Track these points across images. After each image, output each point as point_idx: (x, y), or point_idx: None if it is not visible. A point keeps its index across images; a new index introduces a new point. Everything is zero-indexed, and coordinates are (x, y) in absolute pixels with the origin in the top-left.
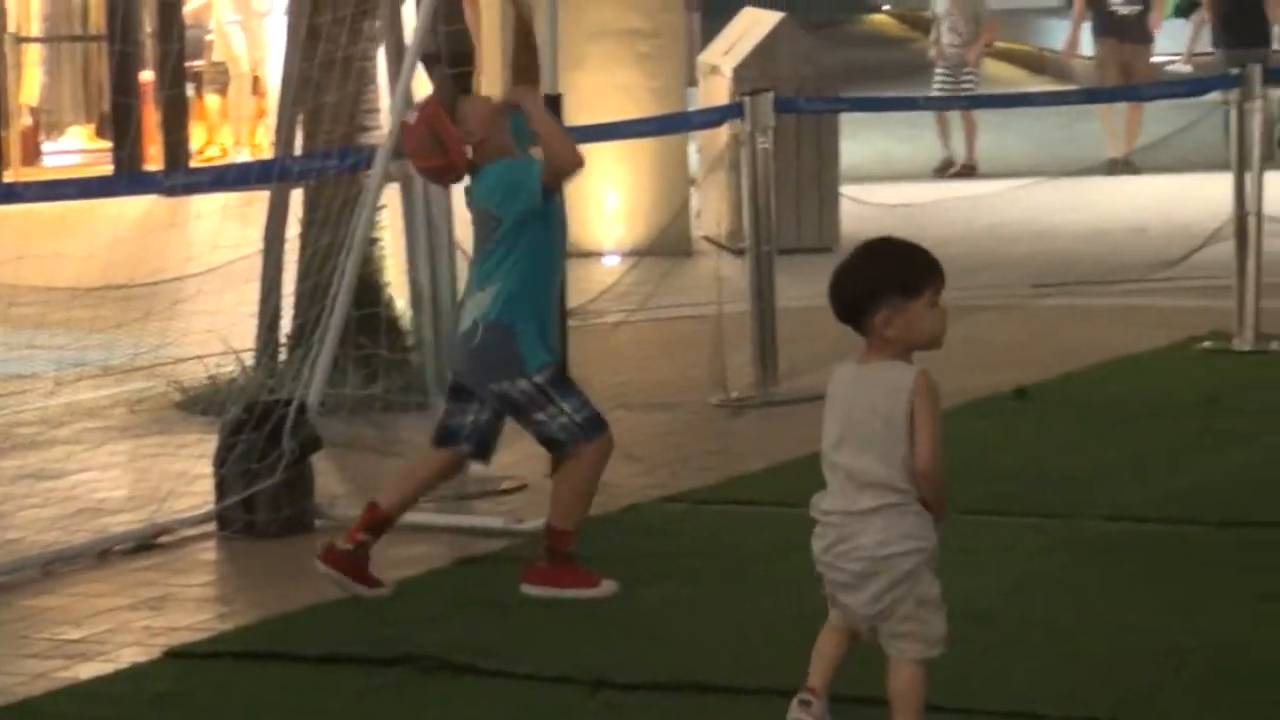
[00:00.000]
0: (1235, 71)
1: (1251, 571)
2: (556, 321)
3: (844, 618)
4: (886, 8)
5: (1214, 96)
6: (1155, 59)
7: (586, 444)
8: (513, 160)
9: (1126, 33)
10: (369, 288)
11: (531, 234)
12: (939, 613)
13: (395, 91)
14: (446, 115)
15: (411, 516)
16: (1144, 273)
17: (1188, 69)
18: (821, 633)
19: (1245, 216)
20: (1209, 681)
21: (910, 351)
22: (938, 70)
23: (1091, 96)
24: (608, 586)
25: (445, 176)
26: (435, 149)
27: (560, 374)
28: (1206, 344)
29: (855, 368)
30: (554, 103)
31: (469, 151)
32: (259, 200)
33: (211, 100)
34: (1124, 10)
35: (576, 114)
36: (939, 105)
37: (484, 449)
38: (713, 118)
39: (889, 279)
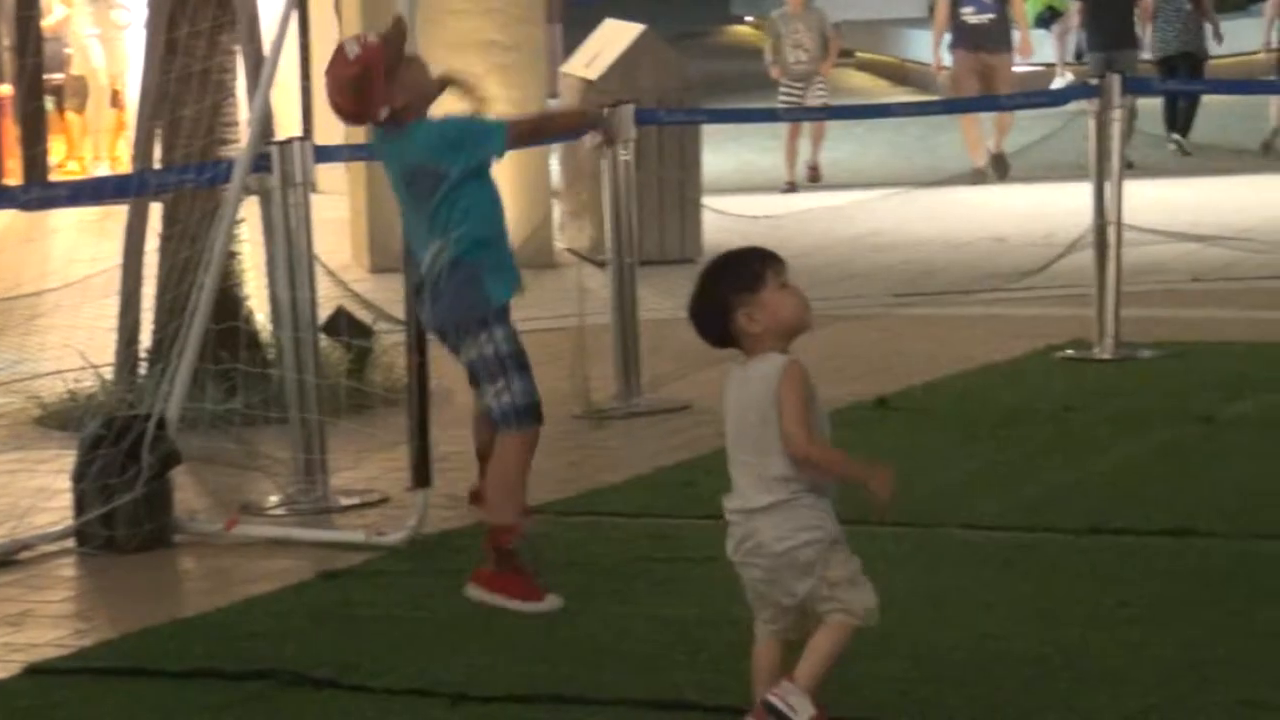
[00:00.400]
0: (1094, 81)
1: (1108, 579)
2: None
3: (771, 621)
4: (749, 19)
5: (1075, 106)
6: (1026, 68)
7: (511, 431)
8: (454, 117)
9: (982, 42)
10: (228, 301)
11: (476, 185)
12: (855, 588)
13: (254, 104)
14: (383, 68)
15: (273, 530)
16: (1004, 282)
17: (1069, 78)
18: (754, 648)
19: (1105, 226)
20: (1066, 688)
21: (786, 340)
22: (782, 86)
23: (950, 107)
24: (551, 601)
25: (351, 121)
26: (355, 93)
27: (519, 348)
28: (1067, 353)
29: (739, 369)
30: None
31: (384, 113)
32: (117, 214)
33: (73, 116)
34: (974, 19)
35: None
36: (799, 117)
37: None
38: (573, 135)
39: (730, 284)
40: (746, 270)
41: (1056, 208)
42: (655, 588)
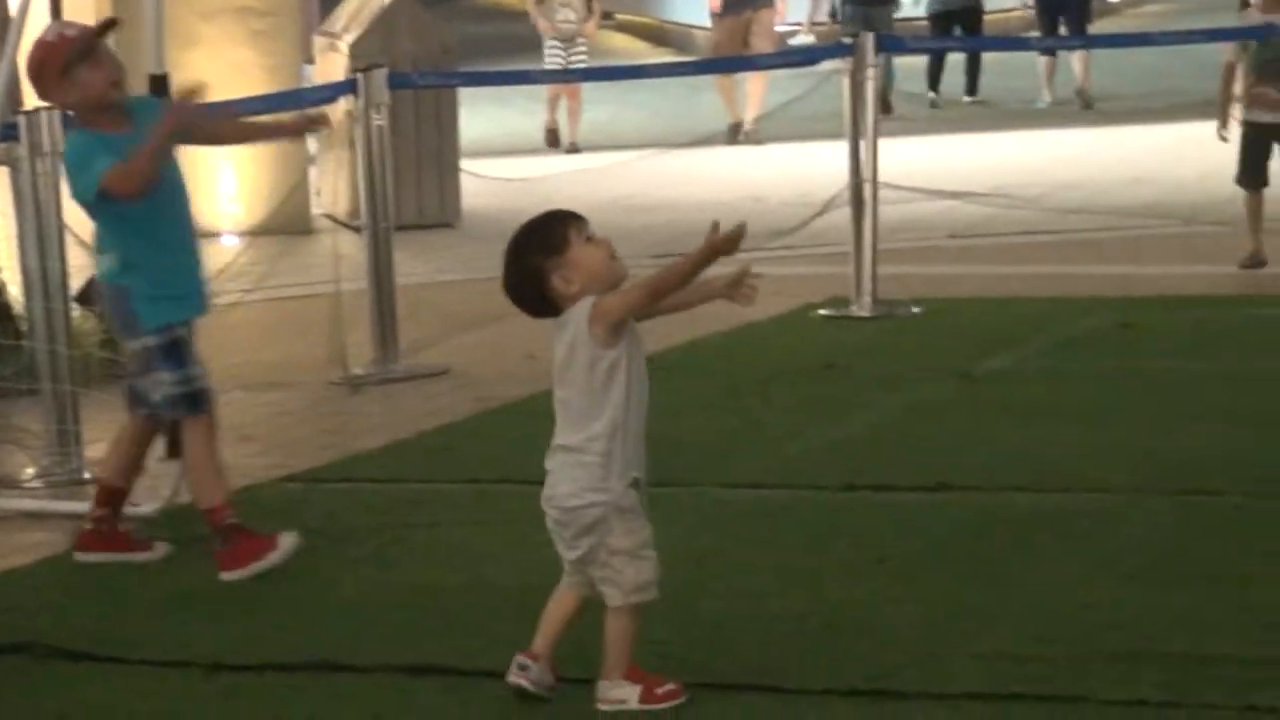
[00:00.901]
0: (848, 41)
1: (868, 535)
2: (197, 284)
3: (569, 573)
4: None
5: (830, 65)
6: (785, 27)
7: (187, 418)
8: (80, 142)
9: (745, 2)
10: None
11: (118, 208)
12: (633, 563)
13: (0, 72)
14: (61, 64)
15: (27, 503)
16: (762, 241)
17: (811, 38)
18: (552, 596)
19: (860, 184)
20: (828, 644)
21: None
22: (549, 43)
23: (704, 67)
24: (287, 540)
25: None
26: (33, 78)
27: (173, 343)
28: (825, 311)
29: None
30: (160, 82)
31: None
32: None
33: None
34: None
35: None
36: (554, 79)
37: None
38: (325, 95)
39: (537, 250)
40: (551, 233)
41: (814, 167)
42: (413, 554)
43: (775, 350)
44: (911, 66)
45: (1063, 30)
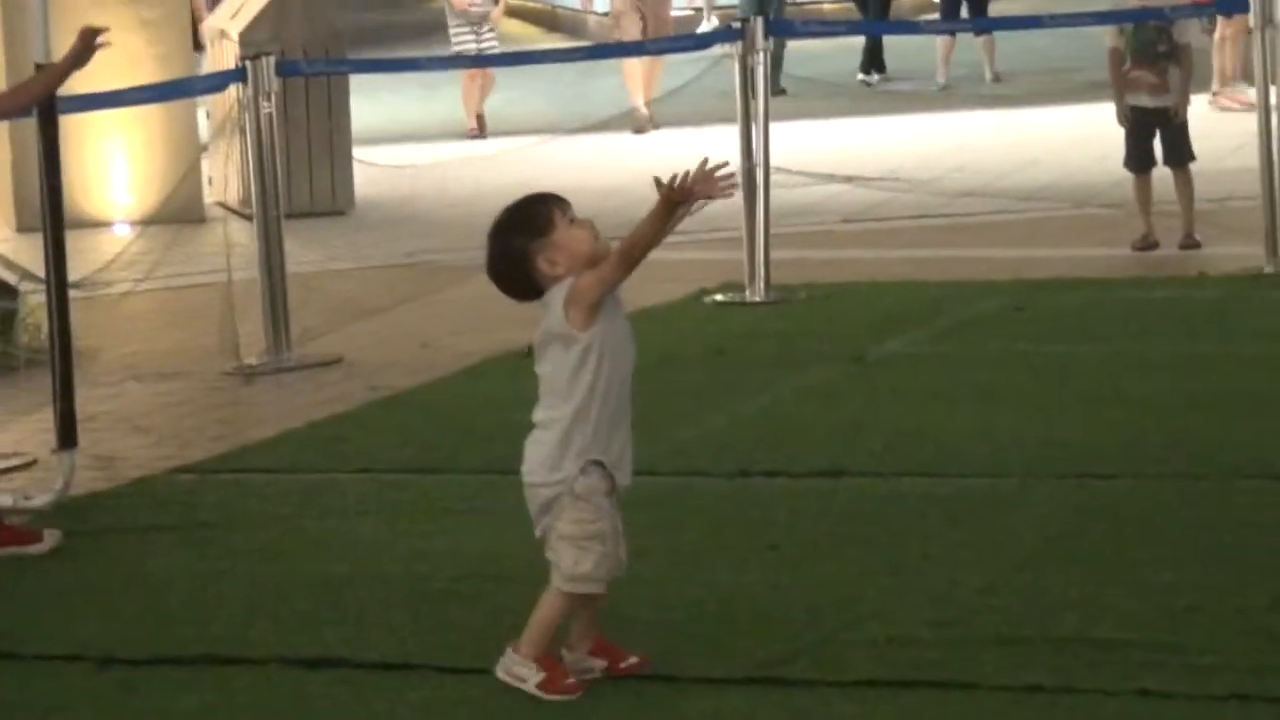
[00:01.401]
0: (737, 25)
1: (759, 522)
2: None
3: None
4: None
5: (721, 49)
6: (684, 12)
7: None
8: None
9: None
10: None
11: None
12: (576, 550)
13: None
14: None
15: None
16: None
17: (715, 22)
18: None
19: (753, 168)
20: (721, 632)
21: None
22: (456, 27)
23: (596, 53)
24: (50, 538)
25: None
26: None
27: None
28: (718, 297)
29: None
30: None
31: None
32: None
33: None
34: None
35: (78, 82)
36: (442, 65)
37: None
38: (213, 83)
39: (522, 233)
40: (534, 216)
41: (709, 151)
42: (305, 545)
43: (668, 336)
44: (806, 50)
45: (964, 13)
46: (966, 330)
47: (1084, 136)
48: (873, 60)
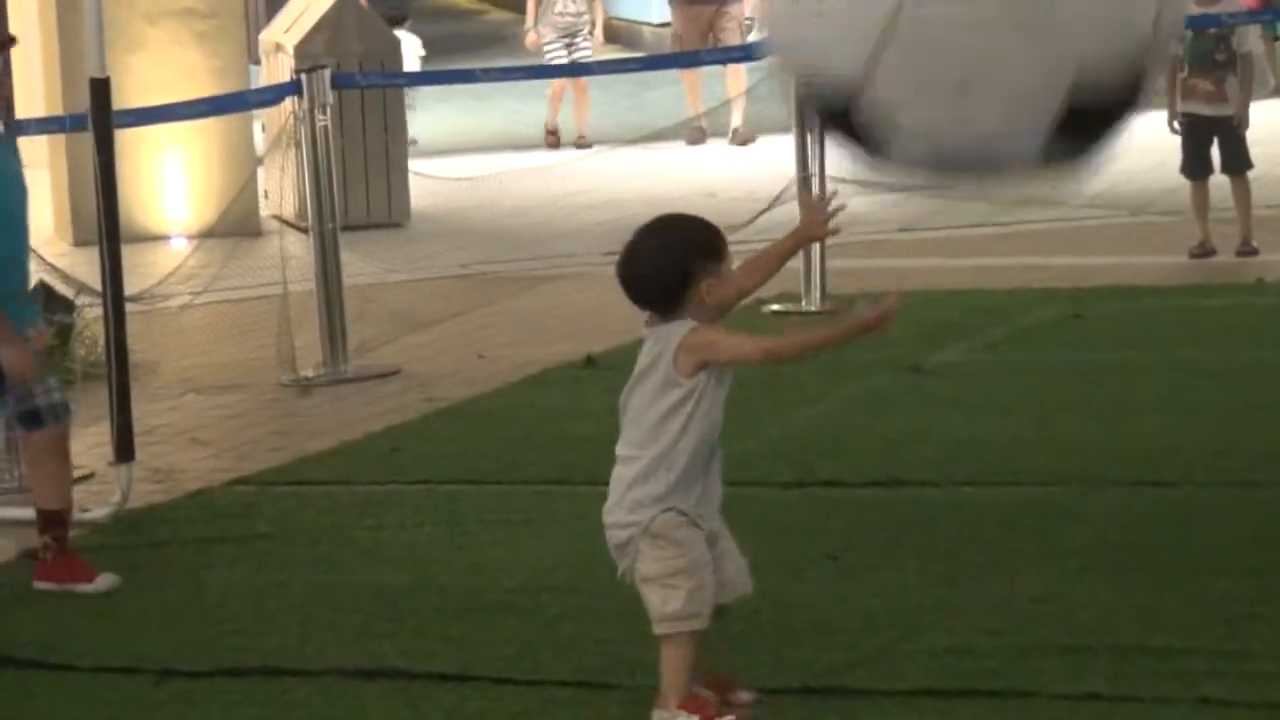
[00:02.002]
0: None
1: (816, 531)
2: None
3: None
4: None
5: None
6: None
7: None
8: None
9: None
10: None
11: None
12: (662, 590)
13: None
14: None
15: None
16: None
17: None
18: None
19: (808, 178)
20: (776, 641)
21: (719, 317)
22: (548, 43)
23: (647, 64)
24: (104, 581)
25: None
26: None
27: None
28: (775, 306)
29: (650, 330)
30: (103, 86)
31: None
32: None
33: None
34: None
35: (136, 97)
36: (497, 77)
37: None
38: (269, 96)
39: (698, 251)
40: (714, 238)
41: (764, 161)
42: (363, 556)
43: None
44: None
45: None
46: (1024, 338)
47: (1140, 144)
48: None
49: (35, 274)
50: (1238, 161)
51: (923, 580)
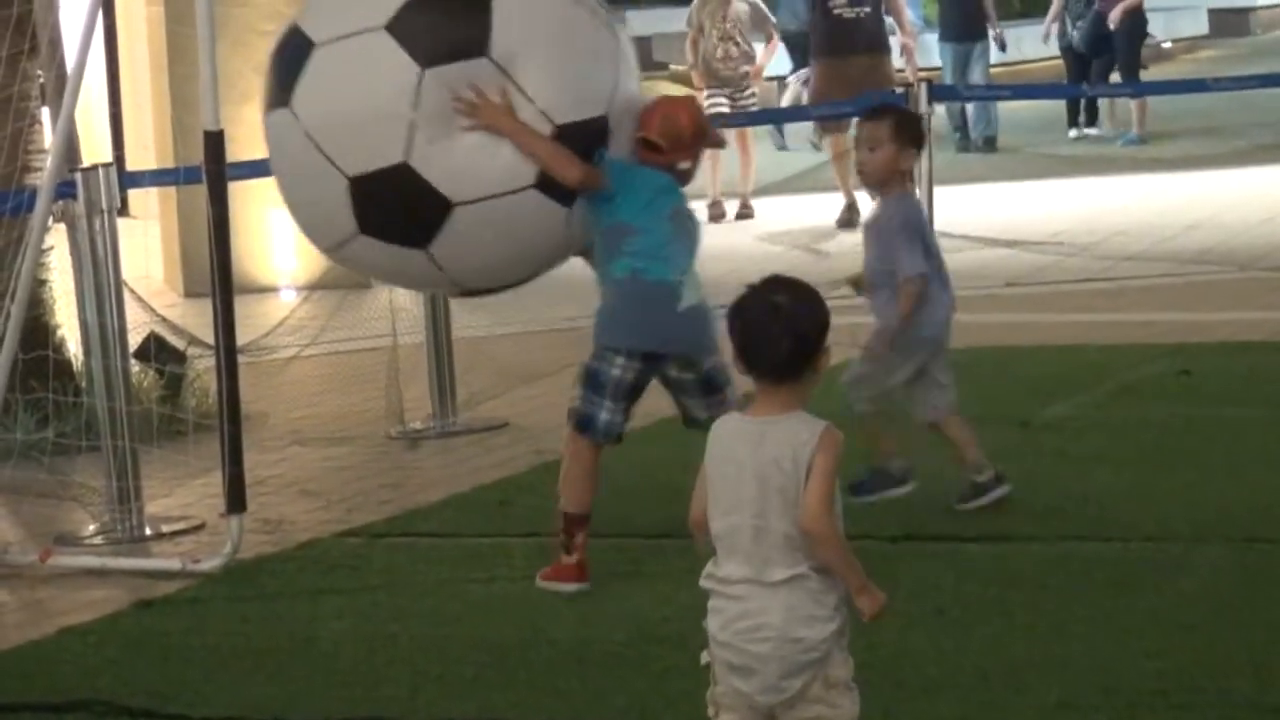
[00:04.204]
0: (901, 90)
1: (925, 586)
2: None
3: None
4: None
5: None
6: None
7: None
8: None
9: (852, 43)
10: (38, 330)
11: None
12: (850, 694)
13: (56, 131)
14: None
15: (88, 560)
16: (821, 289)
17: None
18: None
19: None
20: (886, 696)
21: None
22: (709, 91)
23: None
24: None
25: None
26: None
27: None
28: None
29: (749, 421)
30: (218, 139)
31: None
32: None
33: None
34: (849, 13)
35: (247, 148)
36: None
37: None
38: None
39: (825, 319)
40: (825, 311)
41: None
42: (473, 608)
43: (825, 401)
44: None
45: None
46: (1132, 394)
47: (1247, 199)
48: (1083, 111)
49: (146, 325)
50: None
51: (1032, 634)
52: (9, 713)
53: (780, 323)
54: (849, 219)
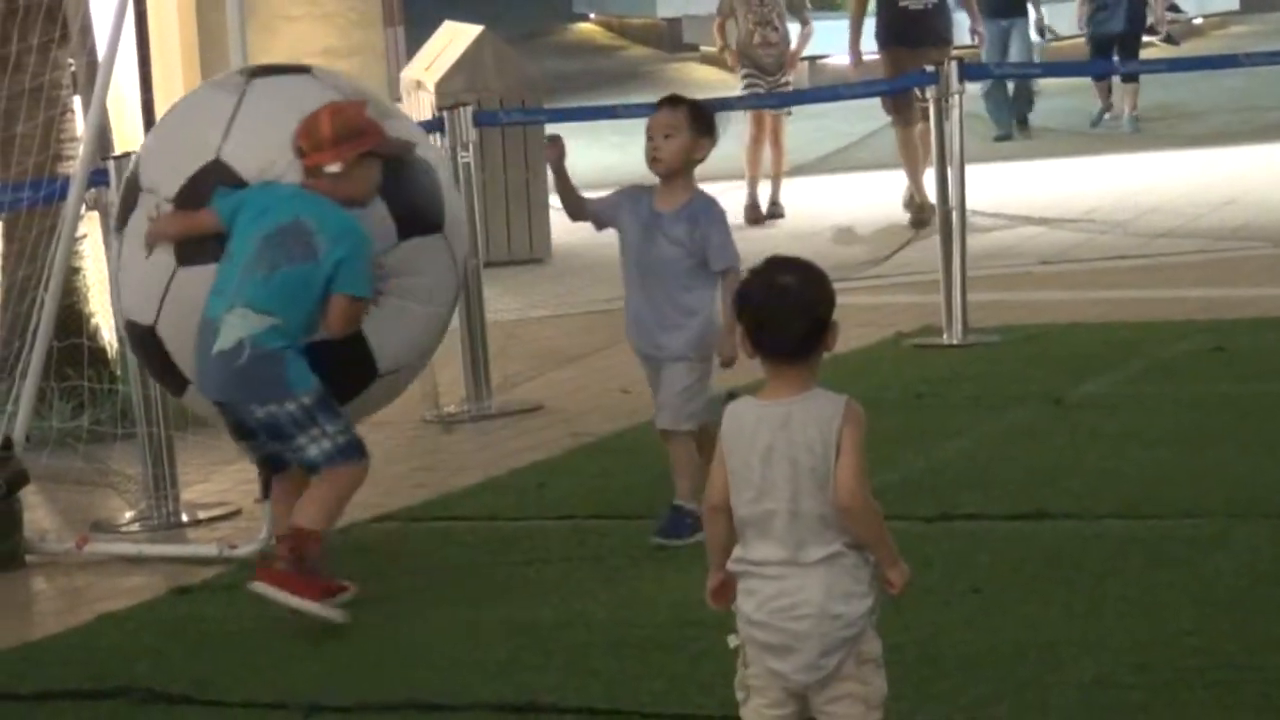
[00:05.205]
0: (931, 69)
1: (960, 565)
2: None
3: (772, 706)
4: (592, 17)
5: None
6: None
7: (343, 466)
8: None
9: (920, 34)
10: (72, 318)
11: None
12: (879, 671)
13: (88, 119)
14: None
15: (124, 547)
16: (852, 271)
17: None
18: None
19: (949, 212)
20: (922, 674)
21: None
22: (745, 73)
23: (784, 101)
24: (337, 613)
25: None
26: None
27: (325, 395)
28: (915, 340)
29: (769, 405)
30: None
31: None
32: None
33: None
34: (915, 4)
35: None
36: (638, 113)
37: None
38: None
39: (832, 295)
40: (831, 288)
41: (900, 195)
42: (508, 591)
43: (866, 380)
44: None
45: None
46: (1166, 371)
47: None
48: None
49: None
50: None
51: (1067, 613)
52: (48, 700)
53: (791, 303)
54: (921, 218)
